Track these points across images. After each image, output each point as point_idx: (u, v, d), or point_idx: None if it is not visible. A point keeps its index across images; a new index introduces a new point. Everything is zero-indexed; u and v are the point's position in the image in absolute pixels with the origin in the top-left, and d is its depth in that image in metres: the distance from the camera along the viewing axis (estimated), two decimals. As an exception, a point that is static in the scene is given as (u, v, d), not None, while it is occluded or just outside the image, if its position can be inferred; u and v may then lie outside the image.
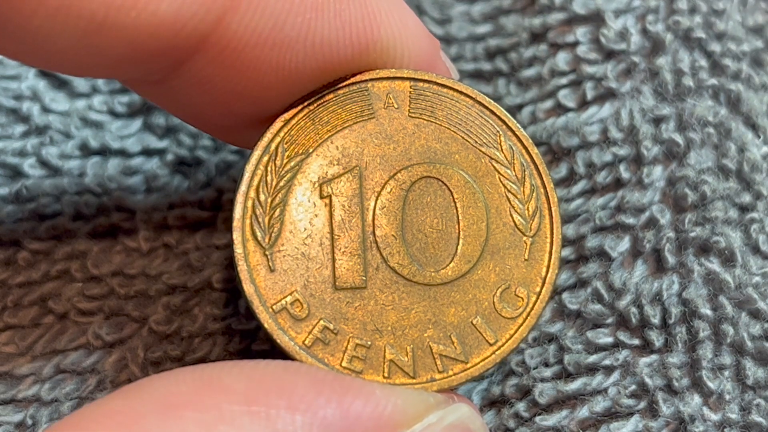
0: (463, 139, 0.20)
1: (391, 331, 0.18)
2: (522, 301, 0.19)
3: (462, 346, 0.18)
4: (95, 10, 0.16)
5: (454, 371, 0.18)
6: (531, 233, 0.19)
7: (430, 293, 0.19)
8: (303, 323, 0.18)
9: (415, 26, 0.20)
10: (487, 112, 0.20)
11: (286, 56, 0.18)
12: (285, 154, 0.19)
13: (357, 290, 0.18)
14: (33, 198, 0.23)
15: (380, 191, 0.19)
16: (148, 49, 0.17)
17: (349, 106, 0.19)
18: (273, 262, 0.18)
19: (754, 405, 0.21)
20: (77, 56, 0.17)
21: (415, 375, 0.18)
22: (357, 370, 0.18)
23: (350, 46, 0.18)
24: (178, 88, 0.18)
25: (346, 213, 0.19)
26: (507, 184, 0.19)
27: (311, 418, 0.15)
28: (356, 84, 0.19)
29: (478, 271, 0.19)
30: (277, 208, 0.19)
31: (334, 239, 0.19)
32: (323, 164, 0.19)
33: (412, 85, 0.20)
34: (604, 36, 0.24)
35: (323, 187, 0.19)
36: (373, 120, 0.19)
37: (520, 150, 0.20)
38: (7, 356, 0.22)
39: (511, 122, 0.20)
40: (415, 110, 0.20)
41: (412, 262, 0.19)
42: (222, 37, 0.17)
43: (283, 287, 0.18)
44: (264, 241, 0.18)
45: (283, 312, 0.18)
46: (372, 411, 0.16)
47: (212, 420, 0.15)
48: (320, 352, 0.18)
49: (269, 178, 0.19)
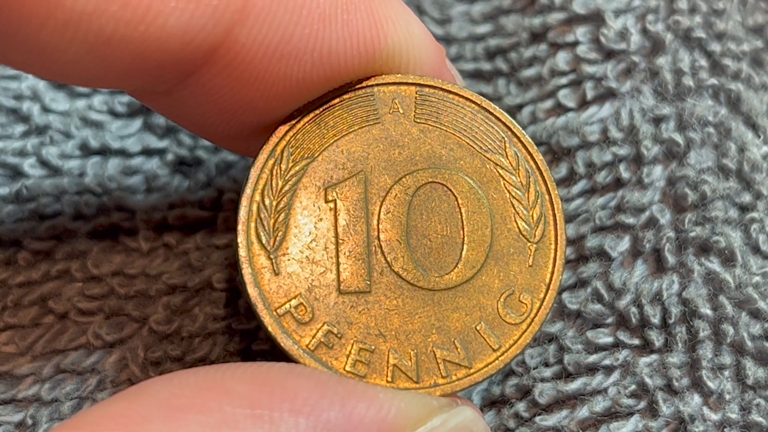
0: (468, 145, 0.20)
1: (395, 335, 0.18)
2: (526, 307, 0.19)
3: (465, 352, 0.18)
4: (104, 25, 0.16)
5: (457, 376, 0.18)
6: (535, 239, 0.19)
7: (434, 298, 0.19)
8: (307, 327, 0.18)
9: (421, 33, 0.20)
10: (493, 118, 0.20)
11: (293, 67, 0.18)
12: (290, 158, 0.19)
13: (361, 294, 0.18)
14: (33, 198, 0.23)
15: (385, 196, 0.19)
16: (157, 62, 0.17)
17: (355, 111, 0.19)
18: (277, 265, 0.18)
19: (754, 405, 0.21)
20: (85, 68, 0.17)
21: (418, 380, 0.18)
22: (360, 374, 0.18)
23: (357, 56, 0.18)
24: (184, 99, 0.18)
25: (351, 217, 0.19)
26: (512, 190, 0.19)
27: (314, 422, 0.15)
28: (362, 89, 0.19)
29: (483, 276, 0.19)
30: (282, 212, 0.19)
31: (339, 243, 0.19)
32: (328, 168, 0.19)
33: (418, 91, 0.20)
34: (604, 36, 0.24)
35: (328, 192, 0.19)
36: (378, 125, 0.19)
37: (525, 156, 0.20)
38: (7, 356, 0.22)
39: (516, 129, 0.20)
40: (421, 116, 0.20)
41: (416, 267, 0.19)
42: (230, 49, 0.17)
43: (288, 291, 0.18)
44: (268, 244, 0.18)
45: (287, 315, 0.18)
46: (375, 414, 0.16)
47: (216, 423, 0.15)
48: (324, 356, 0.18)
49: (274, 182, 0.19)
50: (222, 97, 0.18)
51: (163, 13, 0.16)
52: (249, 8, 0.17)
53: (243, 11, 0.17)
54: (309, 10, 0.18)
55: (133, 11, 0.16)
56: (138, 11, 0.16)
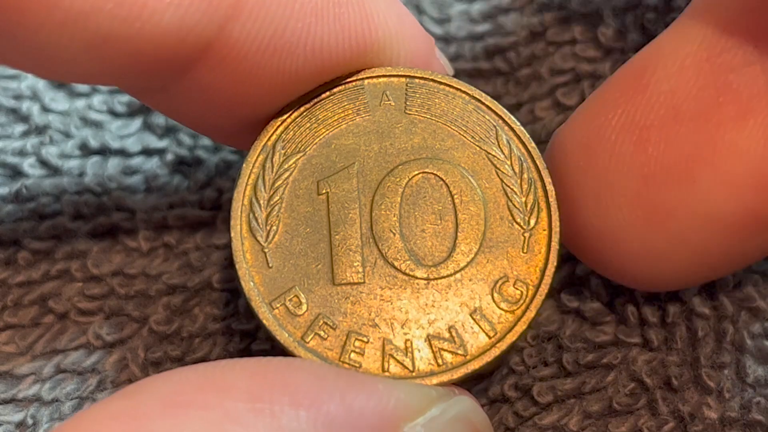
0: (460, 135, 0.20)
1: (390, 325, 0.18)
2: (521, 295, 0.19)
3: (461, 340, 0.18)
4: (101, 23, 0.16)
5: (453, 365, 0.18)
6: (529, 227, 0.19)
7: (428, 287, 0.19)
8: (301, 318, 0.18)
9: (410, 25, 0.20)
10: (484, 107, 0.20)
11: (286, 61, 0.18)
12: (282, 152, 0.19)
13: (355, 285, 0.19)
14: (33, 198, 0.23)
15: (377, 187, 0.19)
16: (152, 58, 0.17)
17: (346, 104, 0.20)
18: (271, 258, 0.19)
19: (754, 403, 0.21)
20: (82, 66, 0.17)
21: (413, 369, 0.18)
22: (355, 365, 0.18)
23: (349, 49, 0.19)
24: (179, 94, 0.18)
25: (343, 209, 0.19)
26: (504, 178, 0.20)
27: (315, 414, 0.15)
28: (352, 82, 0.20)
29: (477, 265, 0.19)
30: (275, 206, 0.19)
31: (332, 235, 0.19)
32: (320, 161, 0.19)
33: (408, 82, 0.20)
34: (602, 34, 0.24)
35: (321, 184, 0.19)
36: (369, 117, 0.20)
37: (517, 144, 0.20)
38: (8, 356, 0.22)
39: (507, 117, 0.20)
40: (411, 107, 0.20)
41: (410, 257, 0.19)
42: (224, 45, 0.17)
43: (282, 284, 0.18)
44: (262, 238, 0.19)
45: (281, 308, 0.18)
46: (375, 405, 0.16)
47: (217, 418, 0.15)
48: (319, 347, 0.18)
49: (267, 176, 0.19)
50: (216, 92, 0.18)
51: (159, 10, 0.16)
52: (242, 3, 0.17)
53: (236, 6, 0.17)
54: (301, 4, 0.18)
55: (129, 9, 0.16)
56: (134, 9, 0.16)
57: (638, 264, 0.20)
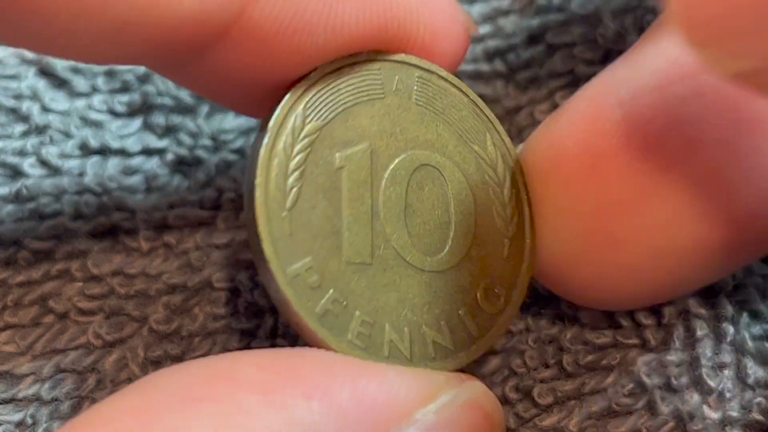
0: (458, 135, 0.20)
1: (392, 310, 0.18)
2: (500, 299, 0.19)
3: (451, 335, 0.19)
4: (118, 12, 0.16)
5: (444, 359, 0.19)
6: (510, 234, 0.20)
7: (424, 278, 0.19)
8: (316, 292, 0.18)
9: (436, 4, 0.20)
10: (478, 110, 0.20)
11: (307, 40, 0.18)
12: (305, 120, 0.19)
13: (364, 266, 0.18)
14: (33, 198, 0.23)
15: (386, 172, 0.19)
16: (171, 42, 0.17)
17: (365, 83, 0.19)
18: (291, 226, 0.18)
19: (755, 403, 0.21)
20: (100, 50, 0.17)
21: (411, 358, 0.18)
22: (361, 347, 0.18)
23: (369, 26, 0.19)
24: (199, 71, 0.19)
25: (357, 188, 0.19)
26: (490, 183, 0.20)
27: (328, 405, 0.15)
28: (369, 63, 0.19)
29: (466, 264, 0.19)
30: (296, 172, 0.18)
31: (345, 213, 0.18)
32: (339, 134, 0.19)
33: (419, 75, 0.20)
34: (601, 36, 0.24)
35: (339, 158, 0.19)
36: (383, 101, 0.20)
37: (504, 152, 0.20)
38: (7, 355, 0.22)
39: (495, 123, 0.20)
40: (420, 99, 0.20)
41: (412, 245, 0.19)
42: (244, 26, 0.17)
43: (300, 254, 0.18)
44: (283, 204, 0.18)
45: (298, 278, 0.18)
46: (387, 393, 0.16)
47: (230, 411, 0.15)
48: (330, 324, 0.18)
49: (288, 141, 0.18)
50: (237, 70, 0.18)
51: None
52: None
53: None
54: None
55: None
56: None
57: (595, 289, 0.20)
